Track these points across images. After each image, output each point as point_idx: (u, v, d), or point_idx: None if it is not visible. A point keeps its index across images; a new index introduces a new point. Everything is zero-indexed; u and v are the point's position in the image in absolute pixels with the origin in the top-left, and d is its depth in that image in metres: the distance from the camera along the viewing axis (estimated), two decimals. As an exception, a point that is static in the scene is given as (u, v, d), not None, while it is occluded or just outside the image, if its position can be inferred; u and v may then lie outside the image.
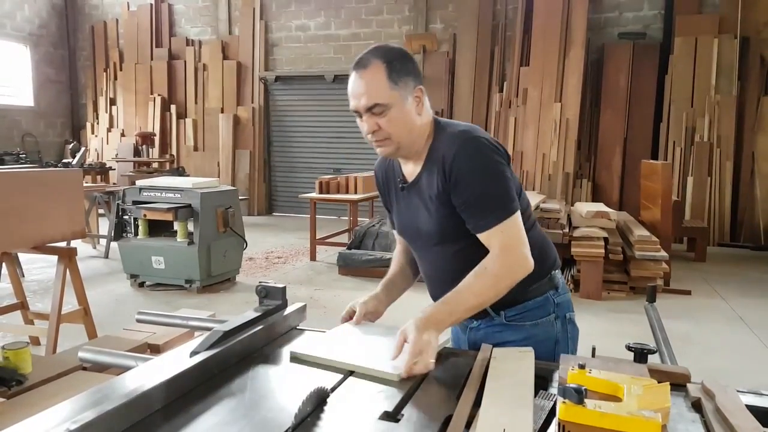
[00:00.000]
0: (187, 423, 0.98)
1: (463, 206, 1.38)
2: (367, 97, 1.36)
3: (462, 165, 1.36)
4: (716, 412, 1.00)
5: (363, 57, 1.39)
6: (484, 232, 1.37)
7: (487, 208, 1.36)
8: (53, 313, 3.20)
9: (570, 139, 8.06)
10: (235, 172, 10.28)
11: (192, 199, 4.97)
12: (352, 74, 1.40)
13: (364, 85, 1.37)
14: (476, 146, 1.38)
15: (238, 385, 1.15)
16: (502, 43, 8.75)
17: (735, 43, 7.64)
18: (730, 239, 7.66)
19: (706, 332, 4.22)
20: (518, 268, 1.36)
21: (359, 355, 1.27)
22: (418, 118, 1.43)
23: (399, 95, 1.37)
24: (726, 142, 7.68)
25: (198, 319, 1.56)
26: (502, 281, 1.35)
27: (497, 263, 1.34)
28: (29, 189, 2.99)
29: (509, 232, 1.35)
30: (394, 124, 1.38)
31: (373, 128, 1.39)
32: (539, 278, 1.49)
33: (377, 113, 1.37)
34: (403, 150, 1.44)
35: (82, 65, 11.74)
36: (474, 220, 1.37)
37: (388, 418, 0.99)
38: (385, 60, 1.37)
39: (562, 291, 1.55)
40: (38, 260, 5.77)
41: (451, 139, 1.41)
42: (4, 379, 1.92)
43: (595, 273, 5.02)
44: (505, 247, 1.35)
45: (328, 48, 9.86)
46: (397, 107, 1.37)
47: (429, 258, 1.55)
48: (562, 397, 0.91)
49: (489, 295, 1.35)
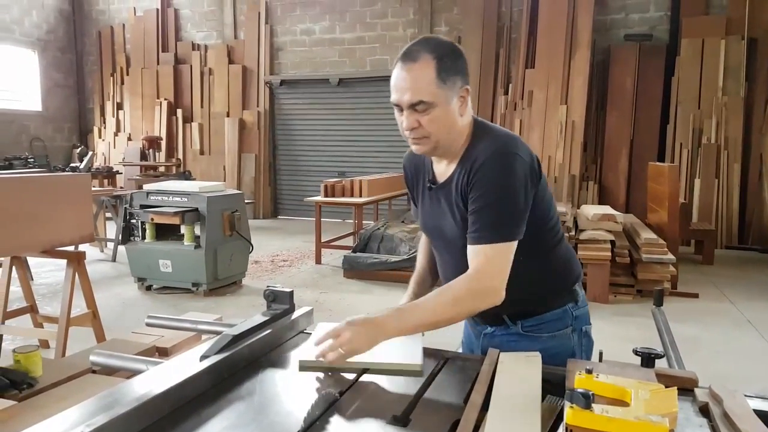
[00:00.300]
0: (197, 426, 0.99)
1: (470, 213, 1.35)
2: (412, 93, 1.30)
3: (484, 173, 1.32)
4: (724, 417, 1.00)
5: (412, 49, 1.32)
6: (472, 245, 1.33)
7: (485, 223, 1.31)
8: (62, 316, 3.22)
9: (576, 142, 8.05)
10: (241, 175, 10.32)
11: (199, 203, 5.00)
12: (398, 66, 1.33)
13: (410, 80, 1.30)
14: (507, 162, 1.33)
15: (247, 389, 1.16)
16: (507, 45, 8.75)
17: (742, 45, 7.61)
18: (737, 242, 7.62)
19: (713, 336, 4.20)
20: (484, 298, 1.30)
21: (370, 353, 1.24)
22: (460, 119, 1.38)
23: (445, 94, 1.32)
24: (734, 144, 7.64)
25: (207, 323, 1.57)
26: (463, 305, 1.30)
27: (464, 286, 1.29)
28: (39, 194, 3.02)
29: (492, 258, 1.30)
30: (436, 123, 1.32)
31: (413, 125, 1.33)
32: (561, 292, 1.47)
33: (420, 111, 1.31)
34: (439, 150, 1.40)
35: (90, 70, 11.83)
36: (470, 229, 1.34)
37: (397, 422, 0.99)
38: (436, 55, 1.31)
39: (581, 304, 1.53)
40: (46, 264, 5.82)
41: (487, 147, 1.35)
42: (15, 382, 1.94)
43: (601, 276, 5.01)
44: (480, 273, 1.29)
45: (333, 51, 9.89)
46: (441, 107, 1.31)
47: (448, 259, 1.52)
48: (570, 401, 0.92)
49: (446, 316, 1.29)
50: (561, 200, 7.64)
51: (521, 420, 0.92)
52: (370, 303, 4.69)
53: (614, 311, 4.73)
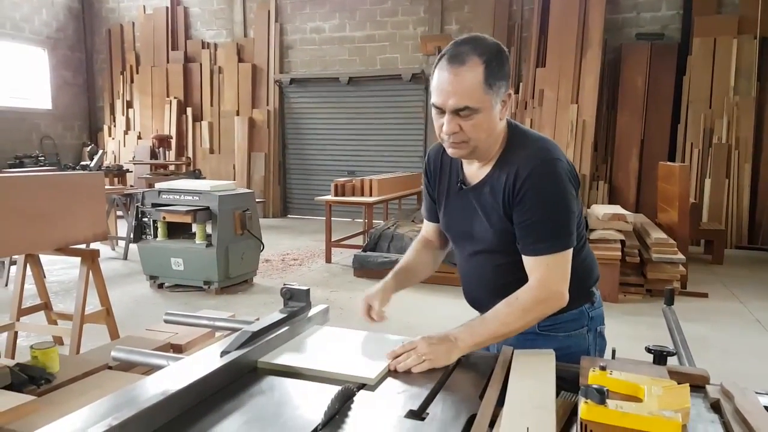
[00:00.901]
0: (219, 420, 1.02)
1: (520, 225, 1.35)
2: (459, 98, 1.26)
3: (533, 185, 1.32)
4: (735, 413, 1.01)
5: (460, 50, 1.27)
6: (531, 257, 1.34)
7: (543, 235, 1.32)
8: (77, 313, 3.27)
9: (587, 141, 8.03)
10: (251, 174, 10.36)
11: (210, 201, 5.04)
12: (444, 67, 1.28)
13: (457, 83, 1.26)
14: (554, 171, 1.33)
15: (268, 384, 1.18)
16: (518, 43, 8.74)
17: (754, 44, 7.56)
18: (747, 242, 7.59)
19: (723, 335, 4.19)
20: (551, 304, 1.34)
21: (329, 360, 1.27)
22: (500, 124, 1.36)
23: (491, 100, 1.29)
24: (744, 144, 7.60)
25: (223, 320, 1.59)
26: (531, 314, 1.33)
27: (530, 296, 1.32)
28: (54, 192, 3.06)
29: (554, 267, 1.33)
30: (478, 129, 1.30)
31: (455, 130, 1.30)
32: (580, 293, 1.48)
33: (464, 116, 1.28)
34: (476, 154, 1.38)
35: (99, 68, 11.91)
36: (526, 241, 1.35)
37: (414, 417, 1.02)
38: (485, 59, 1.26)
39: (597, 305, 1.56)
40: (58, 262, 5.88)
41: (530, 156, 1.35)
42: (33, 378, 1.97)
43: (611, 276, 5.00)
44: (543, 281, 1.32)
45: (343, 50, 9.91)
46: (485, 112, 1.29)
47: (473, 263, 1.53)
48: (584, 397, 0.94)
49: (516, 325, 1.33)
50: (570, 199, 7.62)
51: (536, 415, 0.94)
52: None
53: (624, 311, 4.73)
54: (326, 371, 1.22)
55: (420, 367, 1.22)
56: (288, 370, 1.23)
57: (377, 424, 1.02)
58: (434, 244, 1.70)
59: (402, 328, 1.83)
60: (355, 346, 1.38)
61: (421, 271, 1.67)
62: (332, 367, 1.23)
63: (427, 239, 1.70)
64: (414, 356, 1.23)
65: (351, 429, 0.98)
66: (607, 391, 0.94)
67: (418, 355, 1.23)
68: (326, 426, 0.98)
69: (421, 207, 1.71)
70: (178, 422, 1.00)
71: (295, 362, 1.26)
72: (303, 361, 1.27)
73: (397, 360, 1.24)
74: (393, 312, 1.58)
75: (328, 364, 1.25)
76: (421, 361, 1.23)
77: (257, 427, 0.99)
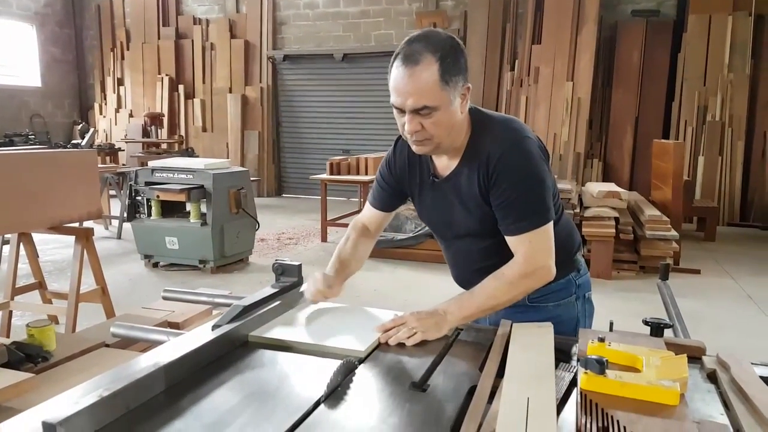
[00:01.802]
0: (218, 387, 1.03)
1: (499, 206, 1.36)
2: (416, 98, 1.27)
3: (506, 165, 1.34)
4: (732, 382, 1.02)
5: (413, 50, 1.27)
6: (513, 236, 1.36)
7: (522, 213, 1.34)
8: (72, 292, 3.26)
9: (581, 119, 8.01)
10: (244, 153, 10.29)
11: (204, 180, 5.01)
12: (399, 68, 1.28)
13: (412, 84, 1.26)
14: (524, 149, 1.35)
15: (260, 357, 1.19)
16: (513, 20, 8.66)
17: (749, 21, 7.52)
18: (740, 219, 7.64)
19: (715, 311, 4.24)
20: (538, 278, 1.36)
21: (319, 334, 1.29)
22: (460, 117, 1.37)
23: (448, 96, 1.29)
24: (738, 122, 7.61)
25: (222, 296, 1.60)
26: (518, 288, 1.35)
27: (516, 271, 1.34)
28: (47, 170, 3.03)
29: (537, 242, 1.34)
30: (438, 125, 1.31)
31: (417, 128, 1.31)
32: (564, 262, 1.50)
33: (423, 114, 1.29)
34: (441, 149, 1.40)
35: (89, 45, 11.71)
36: (507, 221, 1.36)
37: (415, 388, 1.03)
38: (439, 56, 1.26)
39: (583, 272, 1.59)
40: (51, 241, 5.84)
41: (498, 138, 1.37)
42: (30, 356, 1.97)
43: (605, 253, 5.04)
44: (528, 257, 1.34)
45: (337, 26, 9.78)
46: (443, 109, 1.30)
47: (459, 249, 1.55)
48: (584, 368, 0.95)
49: (503, 299, 1.35)
50: (566, 178, 7.64)
51: (536, 385, 0.95)
52: (377, 280, 4.72)
53: (617, 287, 4.77)
54: (316, 344, 1.23)
55: (411, 339, 1.24)
56: (278, 344, 1.25)
57: (379, 396, 1.03)
58: (370, 232, 1.69)
59: (401, 305, 1.84)
60: (345, 321, 1.38)
61: (358, 264, 1.65)
62: (322, 340, 1.24)
63: (365, 227, 1.68)
64: (405, 329, 1.25)
65: (353, 401, 0.99)
66: (607, 362, 0.95)
67: (409, 329, 1.25)
68: (328, 398, 0.99)
69: (369, 192, 1.69)
70: (170, 394, 1.01)
71: (285, 336, 1.27)
72: (293, 335, 1.28)
73: (387, 333, 1.25)
74: (391, 289, 1.59)
75: (317, 337, 1.26)
76: (412, 334, 1.24)
77: (258, 399, 1.00)
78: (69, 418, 0.82)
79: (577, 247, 1.59)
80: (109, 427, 0.89)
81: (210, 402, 0.99)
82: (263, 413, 0.94)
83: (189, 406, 0.97)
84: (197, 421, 0.92)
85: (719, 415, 0.94)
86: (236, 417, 0.92)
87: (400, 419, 0.92)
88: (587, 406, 0.89)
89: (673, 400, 0.89)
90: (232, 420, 0.91)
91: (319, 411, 0.95)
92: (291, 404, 0.97)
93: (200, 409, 0.96)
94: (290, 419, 0.91)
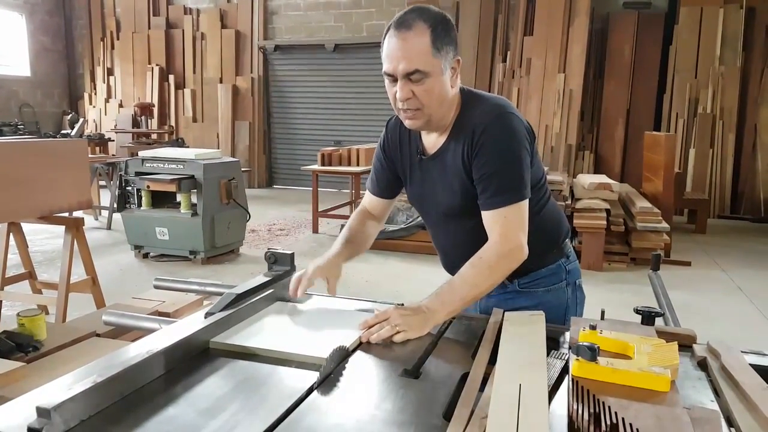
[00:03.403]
0: (212, 373, 1.03)
1: (479, 180, 1.37)
2: (408, 61, 1.29)
3: (488, 137, 1.34)
4: (722, 370, 1.03)
5: (406, 17, 1.31)
6: (489, 211, 1.36)
7: (500, 186, 1.34)
8: (62, 282, 3.24)
9: (573, 110, 8.02)
10: (235, 143, 10.24)
11: (195, 170, 4.97)
12: (391, 35, 1.32)
13: (406, 48, 1.29)
14: (508, 123, 1.36)
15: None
16: (506, 11, 8.64)
17: (741, 13, 7.55)
18: (730, 211, 7.71)
19: (705, 302, 4.28)
20: (514, 257, 1.34)
21: (282, 340, 1.18)
22: (451, 91, 1.38)
23: (440, 64, 1.31)
24: (729, 114, 7.65)
25: (214, 285, 1.59)
26: (497, 272, 1.33)
27: (493, 252, 1.33)
28: (37, 159, 3.00)
29: (512, 218, 1.34)
30: (429, 94, 1.32)
31: (408, 95, 1.32)
32: (553, 248, 1.52)
33: (415, 80, 1.30)
34: (432, 124, 1.40)
35: (79, 34, 11.57)
36: (485, 195, 1.36)
37: (408, 375, 1.03)
38: (431, 24, 1.30)
39: (572, 259, 1.60)
40: (41, 231, 5.80)
41: (484, 112, 1.38)
42: (20, 345, 1.96)
43: (596, 244, 5.06)
44: (504, 234, 1.33)
45: (329, 16, 9.72)
46: (435, 77, 1.31)
47: (445, 231, 1.54)
48: (576, 354, 0.95)
49: (485, 285, 1.33)
50: (557, 169, 7.66)
51: (528, 372, 0.95)
52: (368, 271, 4.73)
53: (608, 278, 4.80)
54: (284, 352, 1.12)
55: (395, 338, 1.20)
56: (246, 351, 1.14)
57: (372, 383, 1.03)
58: (374, 217, 1.68)
59: (391, 295, 1.83)
60: (327, 318, 1.34)
61: (366, 243, 1.63)
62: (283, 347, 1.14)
63: (368, 212, 1.67)
64: (387, 327, 1.21)
65: (346, 388, 0.99)
66: (598, 349, 0.95)
67: (392, 326, 1.21)
68: (322, 385, 0.99)
69: (368, 180, 1.68)
70: (164, 381, 1.01)
71: (255, 344, 1.16)
72: (264, 342, 1.17)
73: (370, 331, 1.21)
74: (382, 280, 1.58)
75: (277, 345, 1.15)
76: (394, 332, 1.20)
77: (252, 385, 1.00)
78: (63, 403, 0.82)
79: (566, 233, 1.59)
80: (104, 412, 0.89)
81: (204, 388, 0.99)
82: (257, 399, 0.95)
83: (183, 392, 0.97)
84: (191, 408, 0.92)
85: (709, 402, 0.94)
86: (230, 402, 0.92)
87: (394, 405, 0.92)
88: (579, 392, 0.90)
89: (664, 386, 0.90)
90: (226, 405, 0.91)
91: (312, 397, 0.95)
92: (284, 390, 0.97)
93: (194, 395, 0.96)
94: (284, 405, 0.91)
